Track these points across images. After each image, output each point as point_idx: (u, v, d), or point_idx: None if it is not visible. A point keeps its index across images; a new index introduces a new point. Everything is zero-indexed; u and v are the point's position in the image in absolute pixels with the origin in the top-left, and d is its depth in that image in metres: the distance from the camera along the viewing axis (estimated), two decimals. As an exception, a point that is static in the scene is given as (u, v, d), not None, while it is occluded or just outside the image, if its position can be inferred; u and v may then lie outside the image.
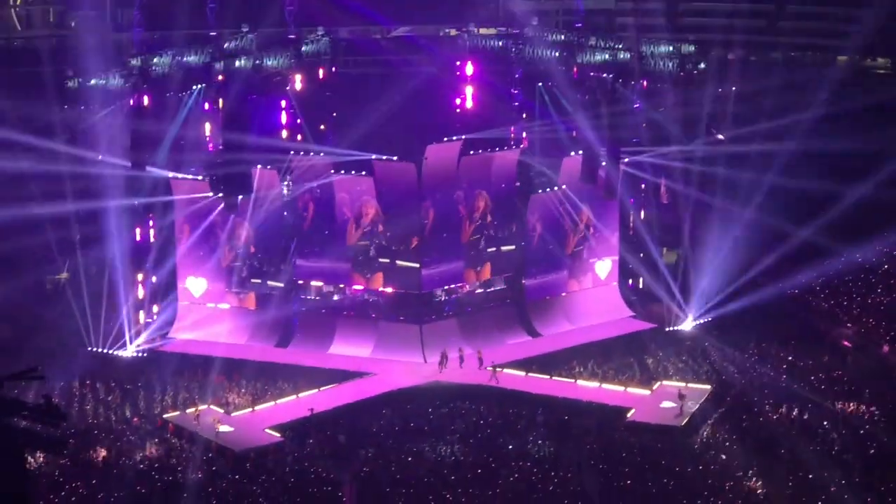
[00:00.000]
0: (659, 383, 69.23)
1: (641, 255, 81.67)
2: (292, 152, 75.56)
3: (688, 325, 76.92)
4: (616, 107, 78.44)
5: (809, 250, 78.12)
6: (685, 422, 63.82)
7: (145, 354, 73.74)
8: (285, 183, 75.79)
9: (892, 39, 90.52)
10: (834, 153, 79.03)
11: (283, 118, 79.27)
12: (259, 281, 76.87)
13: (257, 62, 78.60)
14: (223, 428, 63.60)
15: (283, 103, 79.29)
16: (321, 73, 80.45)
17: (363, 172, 74.10)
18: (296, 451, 60.93)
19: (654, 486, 56.13)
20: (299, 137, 78.26)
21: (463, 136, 74.64)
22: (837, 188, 77.51)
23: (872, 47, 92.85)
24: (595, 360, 72.44)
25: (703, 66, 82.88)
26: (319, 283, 76.47)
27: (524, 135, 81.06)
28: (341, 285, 76.04)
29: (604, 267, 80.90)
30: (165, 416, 65.29)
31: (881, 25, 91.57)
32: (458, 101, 79.50)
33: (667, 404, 65.85)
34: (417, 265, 74.36)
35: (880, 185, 77.50)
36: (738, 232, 77.50)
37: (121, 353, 73.17)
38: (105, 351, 73.02)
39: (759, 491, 55.62)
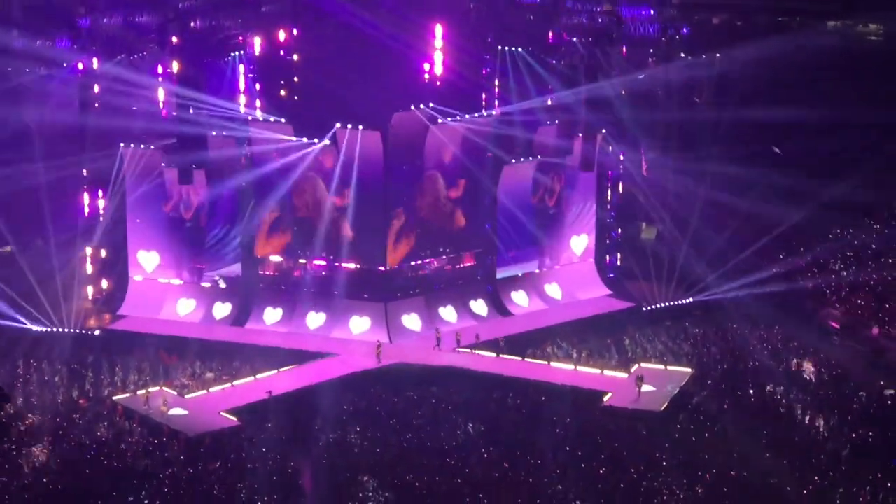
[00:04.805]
0: (637, 366, 67.82)
1: (620, 230, 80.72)
2: (251, 118, 73.97)
3: (668, 304, 75.37)
4: (594, 73, 76.74)
5: (797, 229, 76.75)
6: (664, 406, 62.44)
7: (93, 333, 71.58)
8: (244, 152, 73.72)
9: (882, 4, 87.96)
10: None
11: (241, 83, 76.91)
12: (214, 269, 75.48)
13: (213, 23, 77.38)
14: (176, 411, 62.03)
15: (241, 67, 76.96)
16: (282, 35, 78.08)
17: (327, 142, 72.05)
18: (253, 435, 58.80)
19: (632, 472, 54.26)
20: (258, 103, 76.46)
21: (431, 105, 72.76)
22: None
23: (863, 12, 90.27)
24: (570, 341, 71.08)
25: (685, 30, 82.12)
26: (279, 259, 74.56)
27: (496, 103, 78.75)
28: (302, 261, 74.07)
29: (580, 243, 79.55)
30: (115, 398, 63.40)
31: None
32: (426, 67, 76.90)
33: (646, 388, 64.38)
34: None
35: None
36: (722, 210, 76.58)
37: (68, 331, 70.93)
38: (51, 329, 70.80)
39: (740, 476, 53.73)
